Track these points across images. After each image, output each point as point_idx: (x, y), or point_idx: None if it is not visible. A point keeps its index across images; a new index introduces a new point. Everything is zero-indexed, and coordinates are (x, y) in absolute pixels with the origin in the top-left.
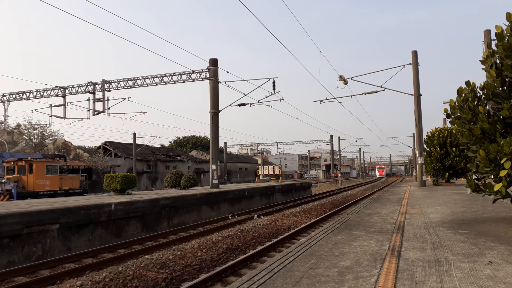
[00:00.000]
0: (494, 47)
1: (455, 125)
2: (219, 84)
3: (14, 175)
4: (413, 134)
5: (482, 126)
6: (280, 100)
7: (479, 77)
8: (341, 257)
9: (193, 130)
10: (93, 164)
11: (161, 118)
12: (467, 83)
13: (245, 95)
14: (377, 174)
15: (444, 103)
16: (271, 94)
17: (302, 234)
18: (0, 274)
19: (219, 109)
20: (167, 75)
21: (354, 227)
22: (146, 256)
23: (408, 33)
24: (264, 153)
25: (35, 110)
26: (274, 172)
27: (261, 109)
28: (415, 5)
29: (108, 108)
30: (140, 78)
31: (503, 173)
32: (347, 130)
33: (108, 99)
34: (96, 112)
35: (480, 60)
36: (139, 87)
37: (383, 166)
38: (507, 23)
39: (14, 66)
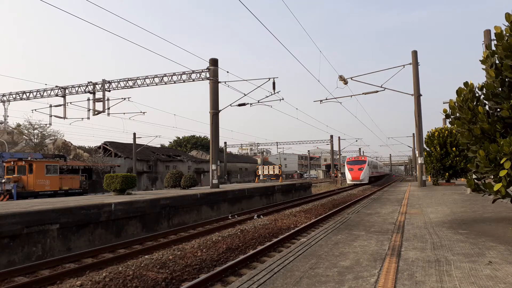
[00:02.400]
0: (493, 47)
1: (455, 126)
2: (219, 84)
3: (14, 175)
4: (413, 134)
5: (481, 126)
6: (280, 100)
7: (479, 77)
8: (341, 257)
9: (193, 130)
10: (93, 164)
11: (161, 118)
12: (466, 83)
13: (245, 95)
14: (348, 177)
15: (444, 103)
16: (271, 94)
17: (302, 234)
18: (0, 274)
19: (219, 109)
20: (167, 75)
21: (354, 227)
22: (146, 256)
23: (408, 33)
24: (264, 153)
25: (35, 110)
26: (274, 172)
27: (261, 109)
28: (415, 5)
29: (108, 108)
30: (140, 78)
31: (503, 173)
32: (347, 130)
33: (108, 99)
34: (96, 112)
35: (480, 60)
36: (139, 87)
37: (361, 158)
38: (507, 23)
39: (14, 66)
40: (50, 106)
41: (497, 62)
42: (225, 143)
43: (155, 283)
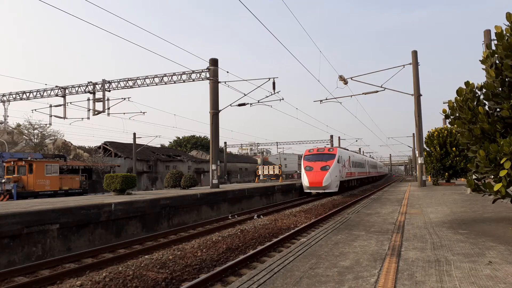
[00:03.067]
0: (494, 47)
1: (455, 126)
2: (219, 84)
3: (14, 175)
4: (413, 134)
5: (482, 126)
6: (280, 100)
7: (480, 77)
8: (341, 257)
9: (193, 130)
10: (93, 164)
11: (161, 118)
12: (467, 83)
13: (245, 95)
14: (305, 182)
15: (444, 103)
16: (271, 94)
17: (302, 234)
18: (0, 274)
19: (219, 109)
20: (167, 75)
21: (354, 227)
22: (146, 256)
23: (408, 33)
24: (264, 153)
25: (35, 110)
26: (274, 172)
27: (261, 109)
28: (415, 5)
29: (108, 108)
30: (140, 78)
31: (503, 173)
32: (347, 130)
33: (108, 99)
34: (96, 112)
35: (480, 60)
36: (139, 87)
37: (328, 151)
38: (507, 23)
39: (14, 66)
40: (50, 106)
41: (497, 62)
42: (225, 143)
43: (155, 283)
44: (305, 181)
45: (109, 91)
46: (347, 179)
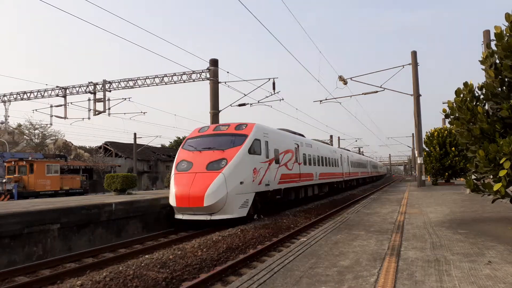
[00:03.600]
0: (493, 47)
1: (454, 126)
2: (220, 84)
3: (15, 175)
4: (413, 134)
5: (481, 126)
6: (280, 100)
7: (480, 77)
8: (341, 256)
9: None
10: (93, 164)
11: (161, 118)
12: (465, 84)
13: (245, 95)
14: (171, 196)
15: (443, 103)
16: (271, 94)
17: (302, 234)
18: (0, 274)
19: (219, 109)
20: (167, 75)
21: (353, 227)
22: (147, 256)
23: (408, 33)
24: None
25: (36, 110)
26: None
27: (261, 109)
28: (415, 5)
29: (109, 108)
30: (140, 78)
31: (502, 173)
32: (347, 130)
33: (108, 99)
34: (96, 112)
35: (479, 61)
36: (139, 87)
37: (235, 129)
38: (507, 24)
39: (14, 66)
40: (51, 106)
41: (496, 62)
42: None
43: (156, 283)
44: (171, 195)
45: (110, 91)
46: (287, 186)
